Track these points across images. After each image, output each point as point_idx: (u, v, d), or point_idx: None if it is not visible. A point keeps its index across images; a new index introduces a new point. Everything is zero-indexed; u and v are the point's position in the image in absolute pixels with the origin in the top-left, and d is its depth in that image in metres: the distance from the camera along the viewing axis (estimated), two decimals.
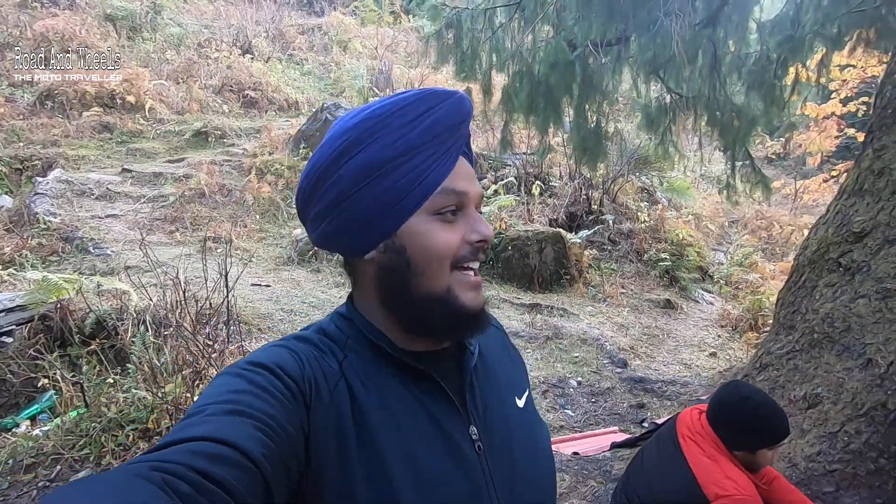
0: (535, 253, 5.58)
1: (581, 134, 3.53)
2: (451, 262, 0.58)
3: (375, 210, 0.56)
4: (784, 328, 2.25)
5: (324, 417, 0.53)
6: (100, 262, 4.14)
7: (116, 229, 4.87)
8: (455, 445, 0.57)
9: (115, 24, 8.99)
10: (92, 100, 7.09)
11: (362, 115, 0.57)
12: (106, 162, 6.34)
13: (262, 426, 0.45)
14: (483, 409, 0.62)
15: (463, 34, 3.38)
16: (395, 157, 0.56)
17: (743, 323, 5.23)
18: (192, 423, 0.45)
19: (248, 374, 0.52)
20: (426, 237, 0.57)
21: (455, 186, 0.58)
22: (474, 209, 0.60)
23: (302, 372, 0.54)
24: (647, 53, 3.66)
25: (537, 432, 0.68)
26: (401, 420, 0.56)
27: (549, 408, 3.31)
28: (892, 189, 1.97)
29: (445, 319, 0.58)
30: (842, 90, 7.84)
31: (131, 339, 2.89)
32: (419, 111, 0.57)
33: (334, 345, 0.60)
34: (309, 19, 12.02)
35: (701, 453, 1.40)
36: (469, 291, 0.59)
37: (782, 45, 4.04)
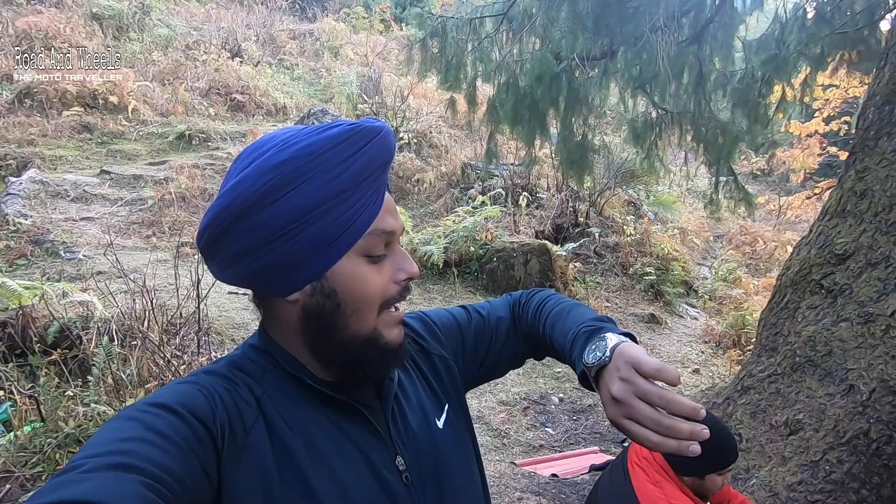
0: (520, 265, 5.53)
1: (567, 147, 3.51)
2: (380, 304, 0.57)
3: (305, 253, 0.53)
4: (766, 350, 2.21)
5: (239, 461, 0.50)
6: (69, 267, 4.00)
7: (90, 233, 4.73)
8: (383, 478, 0.56)
9: (102, 24, 8.85)
10: (73, 99, 6.94)
11: (289, 151, 0.52)
12: (84, 163, 6.18)
13: (151, 482, 0.40)
14: (408, 438, 0.61)
15: (448, 43, 3.34)
16: (328, 199, 0.52)
17: (726, 339, 5.22)
18: (64, 481, 0.39)
19: (146, 417, 0.46)
20: (358, 280, 0.55)
21: (385, 226, 0.57)
22: (398, 245, 0.60)
23: (213, 412, 0.50)
24: (634, 68, 3.66)
25: (462, 449, 0.68)
26: (328, 455, 0.54)
27: (528, 425, 3.23)
28: (875, 211, 1.95)
29: (374, 359, 0.57)
30: (824, 109, 7.98)
31: (94, 349, 2.76)
32: (351, 150, 0.54)
33: (250, 379, 0.56)
34: (301, 25, 11.98)
35: (646, 479, 1.37)
36: (393, 328, 0.59)
37: (767, 64, 4.07)
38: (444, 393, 0.71)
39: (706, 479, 1.35)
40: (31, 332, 2.93)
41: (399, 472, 0.58)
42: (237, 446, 0.50)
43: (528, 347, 0.80)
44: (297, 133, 0.54)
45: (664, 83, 3.43)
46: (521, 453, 2.92)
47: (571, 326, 0.68)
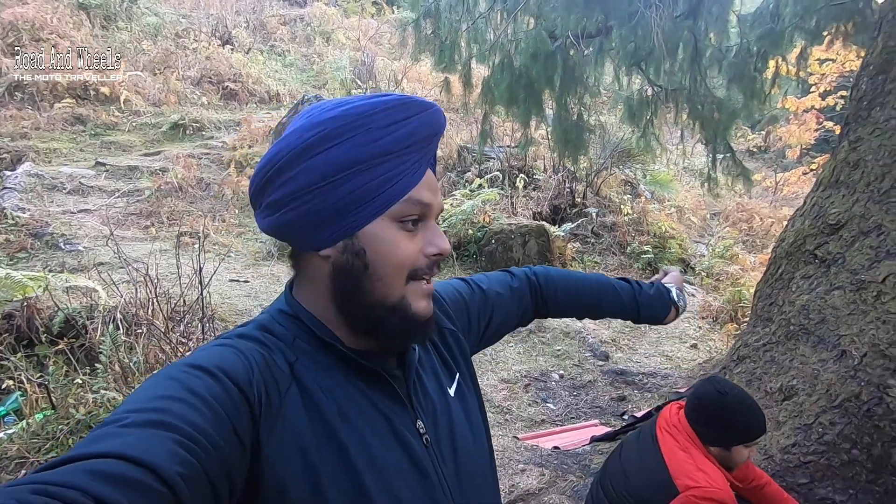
0: (518, 246, 5.56)
1: (563, 126, 3.51)
2: (408, 272, 0.58)
3: (340, 208, 0.55)
4: (761, 320, 2.26)
5: (275, 428, 0.51)
6: (70, 259, 4.01)
7: (89, 224, 4.73)
8: (405, 440, 0.59)
9: (89, 13, 8.71)
10: (64, 91, 6.87)
11: (339, 109, 0.55)
12: (79, 155, 6.15)
13: (186, 441, 0.41)
14: (427, 404, 0.64)
15: (441, 24, 3.32)
16: (370, 159, 0.54)
17: (723, 314, 5.28)
18: (104, 433, 0.40)
19: (185, 377, 0.47)
20: (388, 244, 0.57)
21: (422, 197, 0.58)
22: (434, 221, 0.61)
23: (250, 377, 0.50)
24: (629, 45, 3.64)
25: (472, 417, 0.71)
26: (356, 419, 0.56)
27: (530, 401, 3.30)
28: (867, 181, 1.98)
29: (398, 327, 0.58)
30: (821, 84, 7.94)
31: (101, 337, 2.80)
32: (398, 117, 0.56)
33: (282, 344, 0.57)
34: (291, 10, 11.79)
35: (675, 445, 1.39)
36: (422, 300, 0.60)
37: (762, 39, 4.05)
38: (454, 363, 0.74)
39: (732, 451, 1.37)
40: (36, 323, 2.96)
41: (420, 434, 0.61)
42: (273, 412, 0.51)
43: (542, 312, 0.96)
44: (352, 98, 0.57)
45: (659, 60, 3.42)
46: (523, 428, 2.99)
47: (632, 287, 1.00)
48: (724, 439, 1.37)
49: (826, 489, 1.70)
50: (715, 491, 1.28)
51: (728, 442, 1.37)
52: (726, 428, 1.37)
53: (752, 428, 1.36)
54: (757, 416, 1.37)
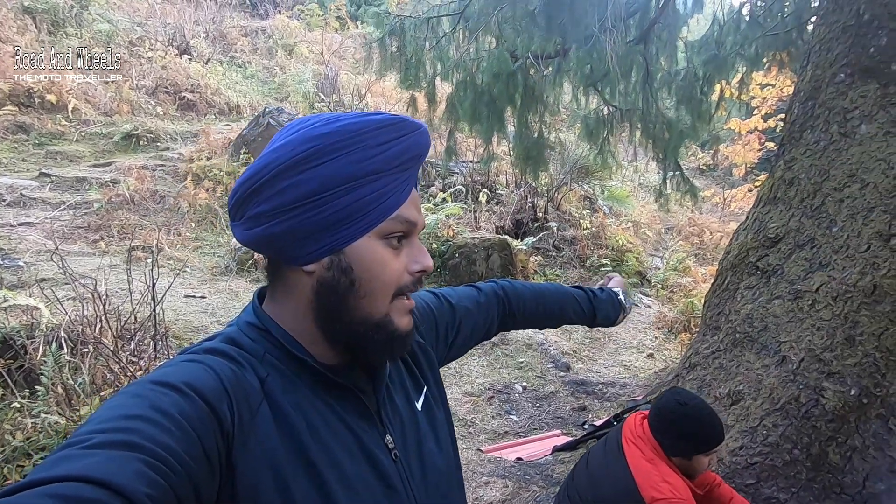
0: (482, 260, 5.62)
1: (524, 143, 3.61)
2: (394, 290, 0.59)
3: (330, 223, 0.55)
4: (710, 329, 2.37)
5: (247, 445, 0.50)
6: (9, 275, 3.77)
7: (31, 238, 4.47)
8: (374, 457, 0.59)
9: (35, 18, 8.32)
10: (5, 98, 6.51)
11: (334, 125, 0.55)
12: (21, 165, 5.82)
13: (154, 461, 0.40)
14: (395, 418, 0.65)
15: (407, 42, 3.37)
16: (364, 176, 0.55)
17: (677, 325, 5.49)
18: (66, 455, 0.39)
19: (151, 395, 0.45)
20: (376, 262, 0.57)
21: (409, 215, 0.59)
22: (417, 239, 0.62)
23: (219, 394, 0.49)
24: (585, 67, 3.81)
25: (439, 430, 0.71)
26: (325, 435, 0.56)
27: (494, 414, 3.32)
28: (801, 197, 2.13)
29: (380, 344, 0.59)
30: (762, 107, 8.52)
31: (42, 358, 2.64)
32: (391, 136, 0.57)
33: (253, 359, 0.56)
34: (252, 21, 11.65)
35: (641, 456, 1.44)
36: (405, 316, 0.61)
37: (708, 64, 4.32)
38: (422, 377, 0.74)
39: (693, 460, 1.42)
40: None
41: (389, 449, 0.61)
42: (244, 429, 0.50)
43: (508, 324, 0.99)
44: (343, 114, 0.58)
45: (614, 81, 3.59)
46: (486, 440, 3.00)
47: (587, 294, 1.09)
48: (685, 449, 1.43)
49: (771, 488, 1.80)
50: (679, 501, 1.33)
51: (689, 451, 1.43)
52: (687, 438, 1.43)
53: (711, 437, 1.43)
54: (715, 426, 1.43)
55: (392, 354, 0.62)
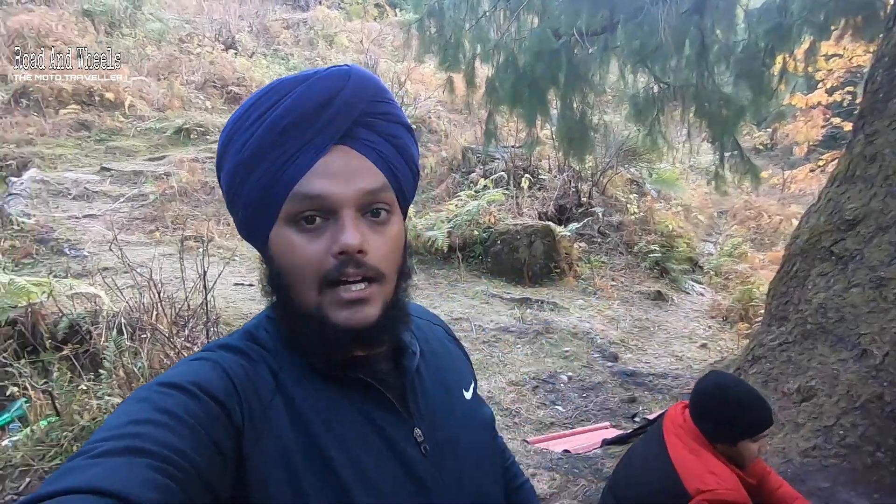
0: (524, 247, 5.51)
1: (567, 125, 3.47)
2: (317, 279, 0.51)
3: (248, 218, 0.54)
4: (776, 319, 2.20)
5: (260, 440, 0.49)
6: (75, 264, 4.01)
7: (94, 230, 4.73)
8: (399, 449, 0.55)
9: (94, 20, 8.77)
10: (69, 97, 6.90)
11: (233, 114, 0.54)
12: (84, 161, 6.17)
13: (161, 464, 0.40)
14: (427, 409, 0.60)
15: (446, 23, 3.29)
16: (244, 165, 0.52)
17: (733, 313, 5.21)
18: (75, 466, 0.39)
19: (156, 397, 0.45)
20: (286, 249, 0.52)
21: (308, 190, 0.50)
22: (349, 212, 0.51)
23: (229, 390, 0.49)
24: (634, 42, 3.60)
25: (481, 424, 0.67)
26: (344, 429, 0.53)
27: (539, 404, 3.25)
28: (885, 174, 1.92)
29: (316, 338, 0.52)
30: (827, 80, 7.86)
31: (105, 343, 2.78)
32: (266, 106, 0.51)
33: (266, 353, 0.55)
34: (294, 14, 11.83)
35: (683, 448, 1.34)
36: (342, 310, 0.51)
37: (770, 33, 3.99)
38: (471, 375, 0.72)
39: (739, 446, 1.32)
40: (41, 329, 2.95)
41: (417, 442, 0.57)
42: (257, 423, 0.49)
43: None
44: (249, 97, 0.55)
45: (666, 56, 3.37)
46: (532, 431, 2.94)
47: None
48: (728, 435, 1.33)
49: (849, 493, 1.65)
50: (726, 493, 1.23)
51: (733, 437, 1.32)
52: (729, 423, 1.32)
53: (756, 421, 1.32)
54: (760, 409, 1.32)
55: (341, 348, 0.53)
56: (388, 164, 0.55)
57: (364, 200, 0.52)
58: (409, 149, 0.58)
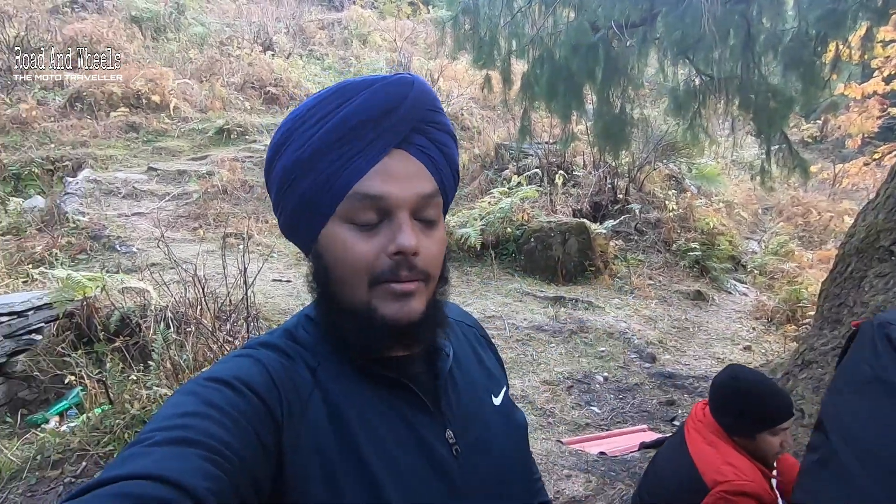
0: (558, 244, 5.44)
1: (604, 120, 3.39)
2: (369, 277, 0.52)
3: (297, 215, 0.55)
4: (828, 322, 2.09)
5: (299, 434, 0.50)
6: (125, 260, 4.21)
7: (142, 227, 4.96)
8: (431, 449, 0.56)
9: (141, 26, 9.17)
10: (119, 100, 7.24)
11: (289, 115, 0.56)
12: (132, 161, 6.47)
13: (211, 455, 0.41)
14: (459, 411, 0.60)
15: (480, 20, 3.26)
16: (302, 163, 0.53)
17: (779, 315, 4.99)
18: (132, 454, 0.41)
19: (203, 392, 0.47)
20: (339, 247, 0.53)
21: (367, 190, 0.52)
22: (405, 215, 0.52)
23: (269, 385, 0.50)
24: (675, 33, 3.47)
25: (514, 430, 0.67)
26: (378, 428, 0.54)
27: (574, 404, 3.21)
28: None
29: (360, 332, 0.54)
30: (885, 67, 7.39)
31: (153, 336, 2.91)
32: (330, 108, 0.53)
33: (305, 351, 0.56)
34: (329, 14, 12.03)
35: (701, 441, 1.32)
36: (392, 302, 0.53)
37: (822, 20, 3.78)
38: (503, 378, 0.71)
39: (758, 439, 1.28)
40: (95, 322, 3.12)
41: (449, 444, 0.57)
42: (295, 419, 0.50)
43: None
44: (310, 96, 0.56)
45: (709, 47, 3.24)
46: (566, 432, 2.90)
47: None
48: (746, 427, 1.28)
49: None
50: (745, 484, 1.19)
51: (750, 430, 1.28)
52: (745, 414, 1.28)
53: (772, 412, 1.27)
54: (776, 400, 1.28)
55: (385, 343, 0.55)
56: (438, 170, 0.57)
57: (419, 204, 0.53)
58: (454, 157, 0.60)
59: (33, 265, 3.96)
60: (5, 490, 2.25)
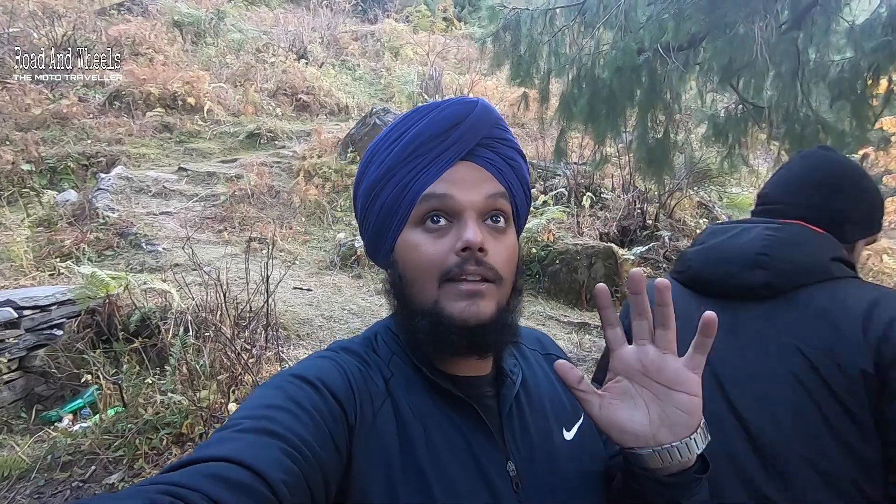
0: (584, 268, 5.30)
1: (646, 145, 3.28)
2: (438, 274, 0.54)
3: (378, 229, 0.59)
4: None
5: (368, 440, 0.51)
6: (150, 259, 4.22)
7: (169, 226, 4.99)
8: (491, 481, 0.54)
9: (182, 30, 9.42)
10: (156, 101, 7.40)
11: (374, 140, 0.61)
12: (164, 161, 6.57)
13: (290, 449, 0.44)
14: (524, 444, 0.59)
15: (521, 37, 3.20)
16: (380, 180, 0.58)
17: None
18: (223, 437, 0.44)
19: (290, 388, 0.50)
20: (411, 249, 0.57)
21: (435, 190, 0.56)
22: (471, 214, 0.55)
23: (347, 390, 0.53)
24: (722, 58, 3.36)
25: (589, 468, 0.61)
26: (441, 448, 0.54)
27: None
28: None
29: (430, 333, 0.55)
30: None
31: (172, 339, 2.87)
32: (402, 130, 0.58)
33: (381, 361, 0.59)
34: (362, 26, 12.21)
35: None
36: (458, 301, 0.54)
37: (876, 52, 3.63)
38: (578, 410, 0.66)
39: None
40: (115, 321, 3.10)
41: (509, 477, 0.55)
42: (366, 426, 0.52)
43: None
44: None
45: (760, 74, 3.12)
46: None
47: None
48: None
49: None
50: None
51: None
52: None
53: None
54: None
55: (462, 343, 0.54)
56: (505, 179, 0.60)
57: (485, 206, 0.56)
58: (523, 172, 0.63)
59: (61, 259, 4.00)
60: (12, 490, 2.21)
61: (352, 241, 5.10)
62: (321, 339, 3.53)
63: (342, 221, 5.81)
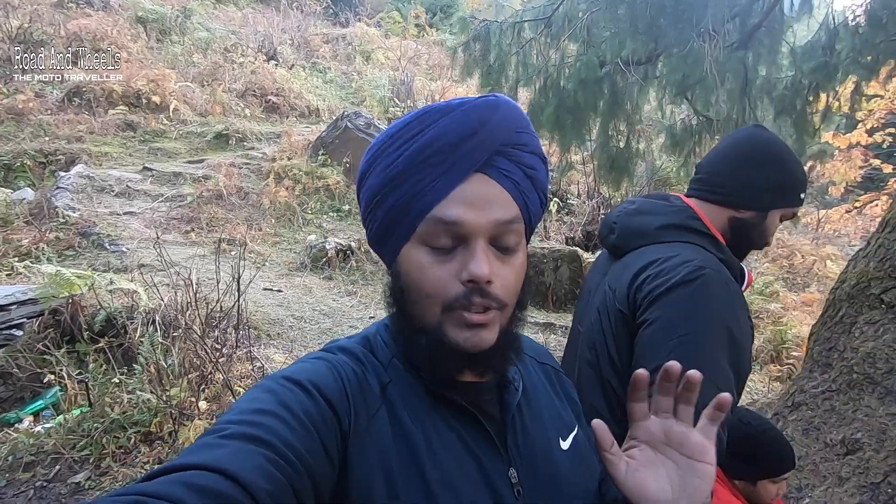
0: (550, 271, 5.48)
1: (607, 153, 3.46)
2: (441, 301, 0.52)
3: (381, 233, 0.57)
4: (819, 365, 2.13)
5: (364, 446, 0.51)
6: (114, 259, 4.13)
7: (133, 227, 4.88)
8: (493, 486, 0.54)
9: (146, 27, 9.18)
10: (118, 98, 7.20)
11: (380, 135, 0.57)
12: (128, 160, 6.40)
13: (275, 457, 0.43)
14: (525, 451, 0.59)
15: (491, 47, 3.34)
16: (384, 186, 0.54)
17: (763, 354, 5.05)
18: (206, 443, 0.43)
19: (280, 391, 0.49)
20: (414, 269, 0.54)
21: (443, 215, 0.52)
22: (480, 242, 0.51)
23: (341, 394, 0.51)
24: (677, 74, 3.59)
25: (585, 477, 0.63)
26: (442, 453, 0.53)
27: None
28: None
29: (429, 354, 0.54)
30: (868, 120, 7.71)
31: (140, 338, 2.84)
32: (413, 132, 0.53)
33: (378, 363, 0.57)
34: (334, 29, 12.18)
35: None
36: (462, 330, 0.52)
37: (816, 72, 3.95)
38: (576, 417, 0.68)
39: (758, 486, 1.30)
40: (80, 320, 3.04)
41: (511, 484, 0.56)
42: (361, 431, 0.51)
43: None
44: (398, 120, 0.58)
45: (710, 89, 3.36)
46: None
47: None
48: (748, 473, 1.30)
49: None
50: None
51: (753, 475, 1.29)
52: (751, 461, 1.29)
53: (778, 462, 1.29)
54: (784, 450, 1.30)
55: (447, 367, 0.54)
56: (521, 194, 0.55)
57: (496, 231, 0.53)
58: (542, 179, 0.58)
59: (19, 258, 3.87)
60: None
61: (322, 244, 5.12)
62: (292, 338, 3.55)
63: (313, 224, 5.81)
